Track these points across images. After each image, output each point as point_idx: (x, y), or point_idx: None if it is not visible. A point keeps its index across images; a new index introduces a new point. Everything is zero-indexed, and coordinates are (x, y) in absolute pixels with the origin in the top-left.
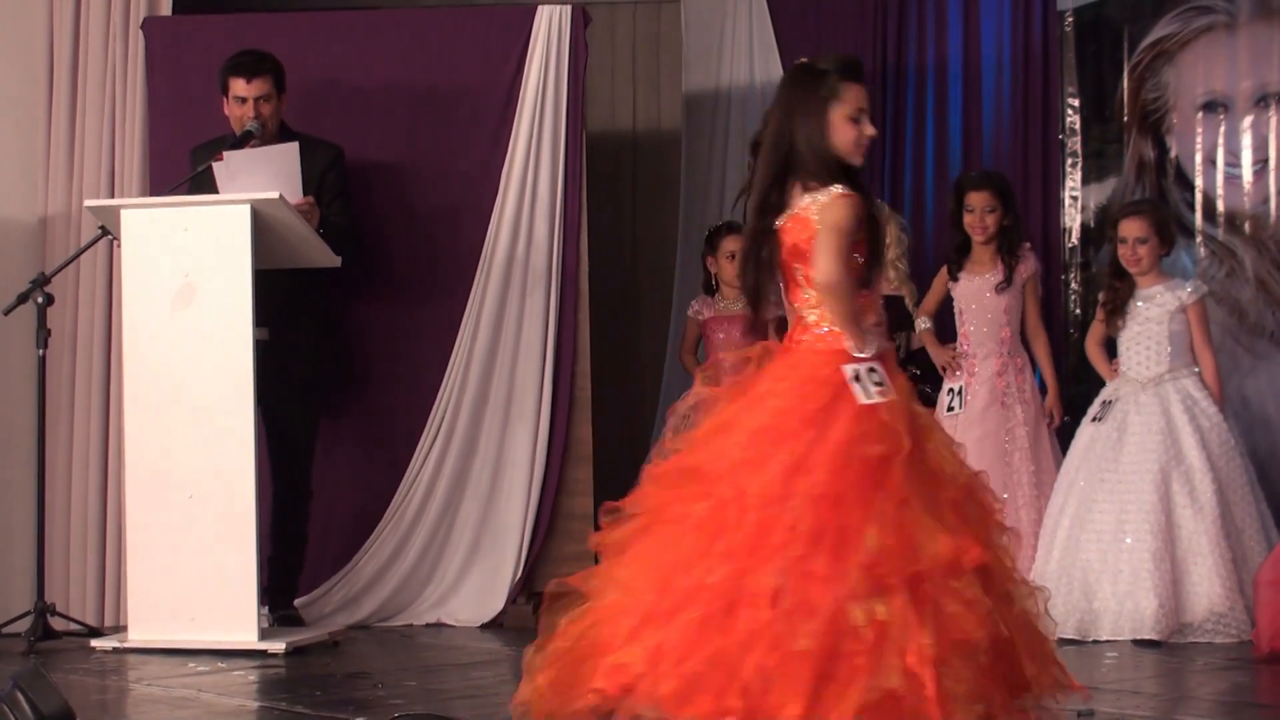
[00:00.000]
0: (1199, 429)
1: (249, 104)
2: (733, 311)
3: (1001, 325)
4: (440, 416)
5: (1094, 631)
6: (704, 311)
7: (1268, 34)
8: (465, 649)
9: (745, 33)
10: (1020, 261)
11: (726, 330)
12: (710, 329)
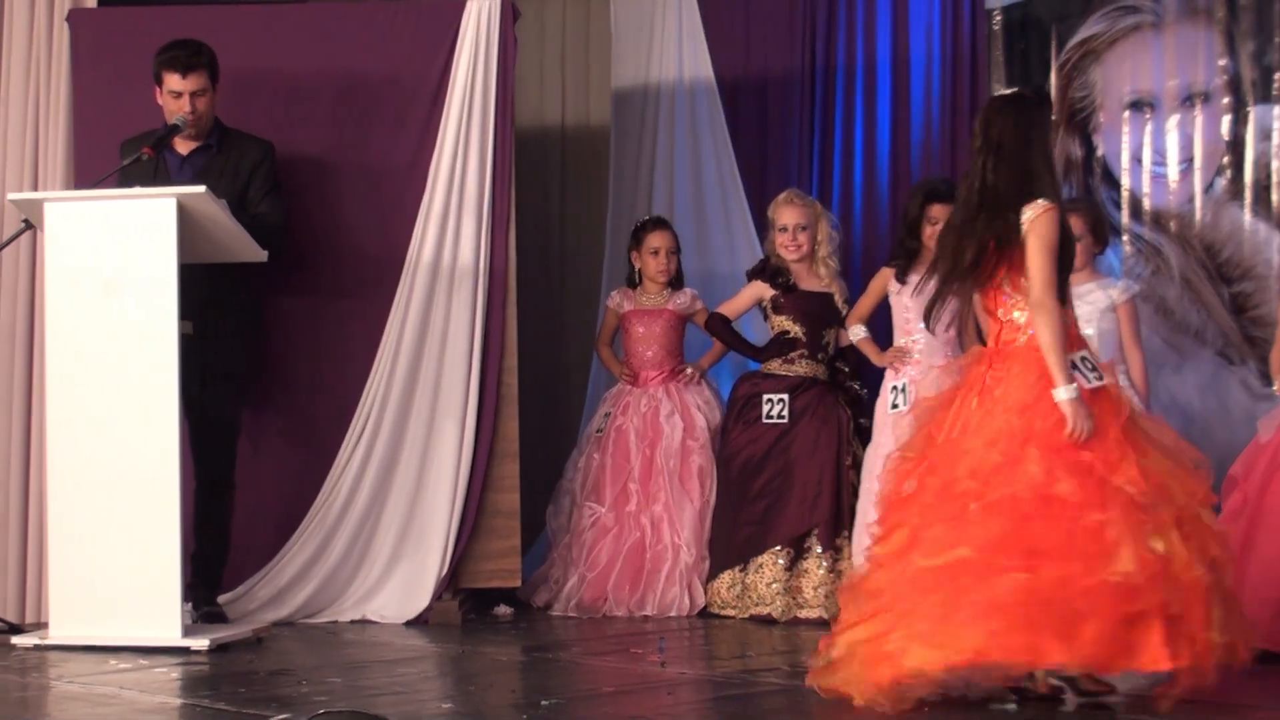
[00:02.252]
0: None
1: (184, 98)
2: (653, 305)
3: (949, 326)
4: (366, 412)
5: None
6: (624, 304)
7: (1193, 34)
8: (390, 646)
9: (674, 28)
10: None
11: (646, 324)
12: (629, 321)
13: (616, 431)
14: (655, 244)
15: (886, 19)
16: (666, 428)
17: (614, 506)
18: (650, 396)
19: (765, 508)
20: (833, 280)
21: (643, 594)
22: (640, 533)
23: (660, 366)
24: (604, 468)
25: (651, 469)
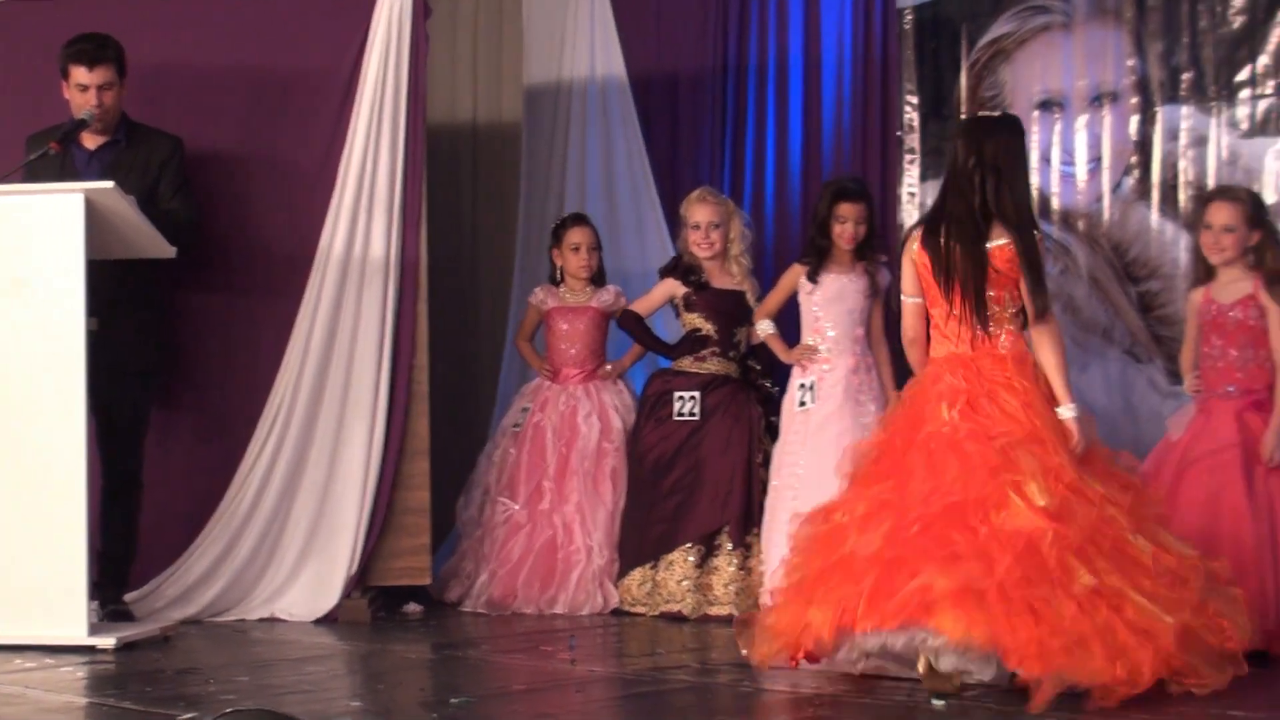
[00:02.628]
0: None
1: (91, 92)
2: (577, 303)
3: (857, 325)
4: (276, 410)
5: None
6: (548, 301)
7: (1102, 34)
8: (298, 644)
9: (586, 25)
10: (878, 271)
11: (570, 321)
12: (553, 319)
13: (534, 428)
14: (576, 240)
15: (798, 17)
16: (584, 428)
17: (528, 503)
18: (569, 395)
19: (676, 505)
20: (744, 278)
21: (554, 593)
22: (553, 531)
23: (582, 365)
24: (519, 464)
25: (566, 468)
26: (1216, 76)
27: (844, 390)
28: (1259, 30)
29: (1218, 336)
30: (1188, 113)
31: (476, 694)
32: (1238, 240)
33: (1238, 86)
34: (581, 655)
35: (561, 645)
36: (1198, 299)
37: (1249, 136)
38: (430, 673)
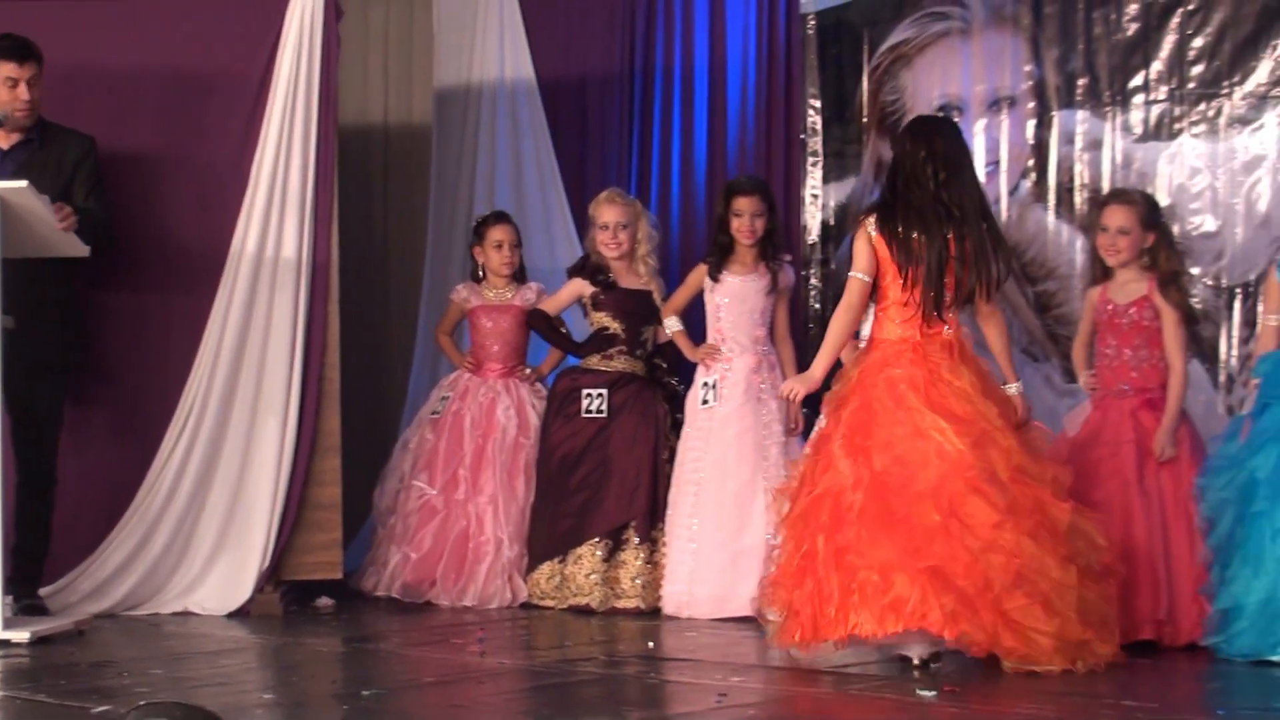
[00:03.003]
0: None
1: (20, 86)
2: (500, 301)
3: (758, 324)
4: (189, 407)
5: None
6: (471, 299)
7: (1000, 41)
8: (211, 637)
9: (495, 29)
10: (781, 270)
11: (494, 319)
12: (476, 316)
13: (453, 416)
14: (498, 238)
15: (704, 22)
16: (502, 420)
17: (443, 490)
18: (489, 387)
19: (584, 500)
20: (651, 278)
21: (464, 584)
22: (466, 521)
23: (504, 361)
24: (437, 450)
25: (482, 459)
26: (1111, 82)
27: (745, 389)
28: (1152, 37)
29: (1113, 336)
30: (1083, 117)
31: (387, 686)
32: (1133, 242)
33: (1132, 92)
34: (490, 648)
35: (471, 638)
36: (1094, 297)
37: (1143, 141)
38: (342, 665)
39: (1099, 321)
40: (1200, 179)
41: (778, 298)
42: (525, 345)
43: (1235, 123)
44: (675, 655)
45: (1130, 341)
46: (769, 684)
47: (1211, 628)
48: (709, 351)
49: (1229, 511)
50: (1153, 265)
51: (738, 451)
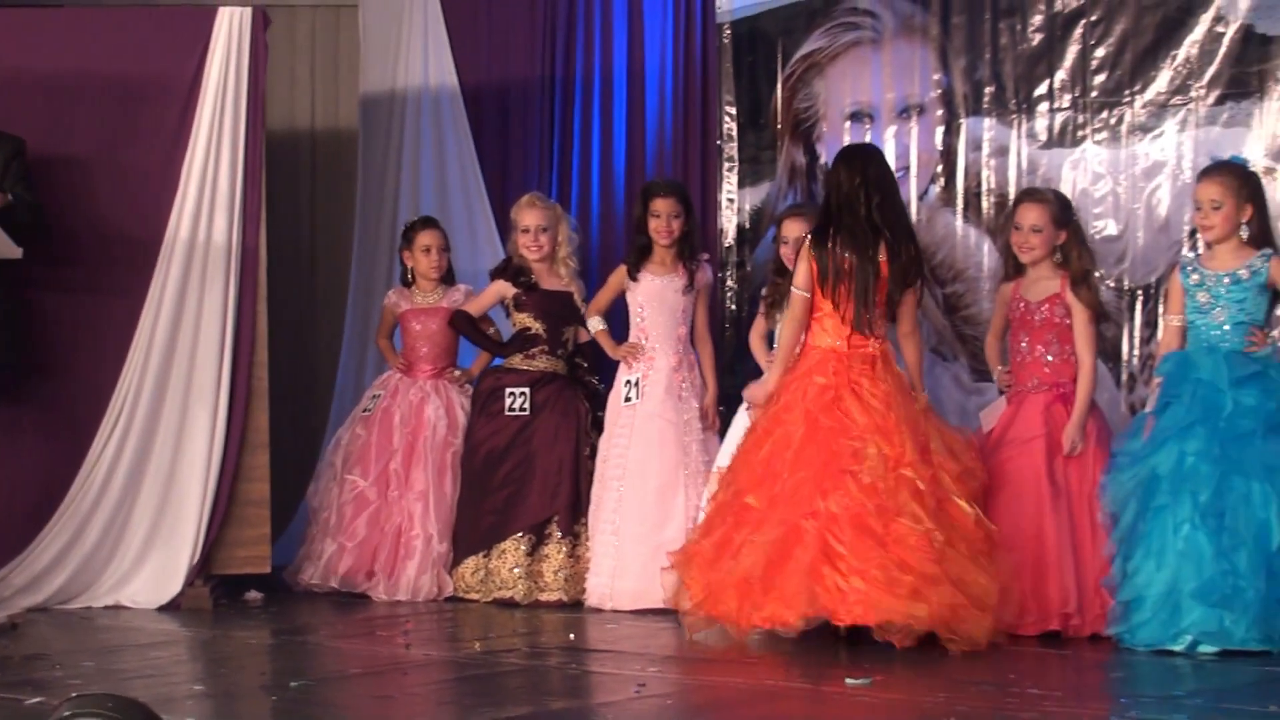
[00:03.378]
0: None
1: None
2: (428, 304)
3: (678, 323)
4: (120, 404)
5: None
6: (401, 304)
7: (910, 50)
8: (143, 630)
9: (420, 37)
10: (699, 270)
11: (423, 321)
12: (407, 320)
13: (383, 412)
14: (426, 242)
15: (622, 31)
16: (432, 418)
17: (375, 483)
18: (419, 387)
19: (508, 496)
20: (572, 280)
21: (395, 577)
22: (399, 517)
23: (434, 362)
24: (368, 444)
25: (413, 455)
26: (1017, 91)
27: (666, 387)
28: (1056, 47)
29: (1025, 333)
30: (990, 125)
31: (315, 678)
32: (1045, 240)
33: (1037, 100)
34: (416, 640)
35: (397, 630)
36: (1007, 294)
37: (1047, 147)
38: (270, 657)
39: (1012, 318)
40: (1103, 185)
41: (696, 297)
42: (455, 347)
43: (1136, 130)
44: (596, 647)
45: (1042, 338)
46: (687, 674)
47: (1115, 618)
48: (631, 350)
49: (1132, 506)
50: (1065, 263)
51: (660, 448)
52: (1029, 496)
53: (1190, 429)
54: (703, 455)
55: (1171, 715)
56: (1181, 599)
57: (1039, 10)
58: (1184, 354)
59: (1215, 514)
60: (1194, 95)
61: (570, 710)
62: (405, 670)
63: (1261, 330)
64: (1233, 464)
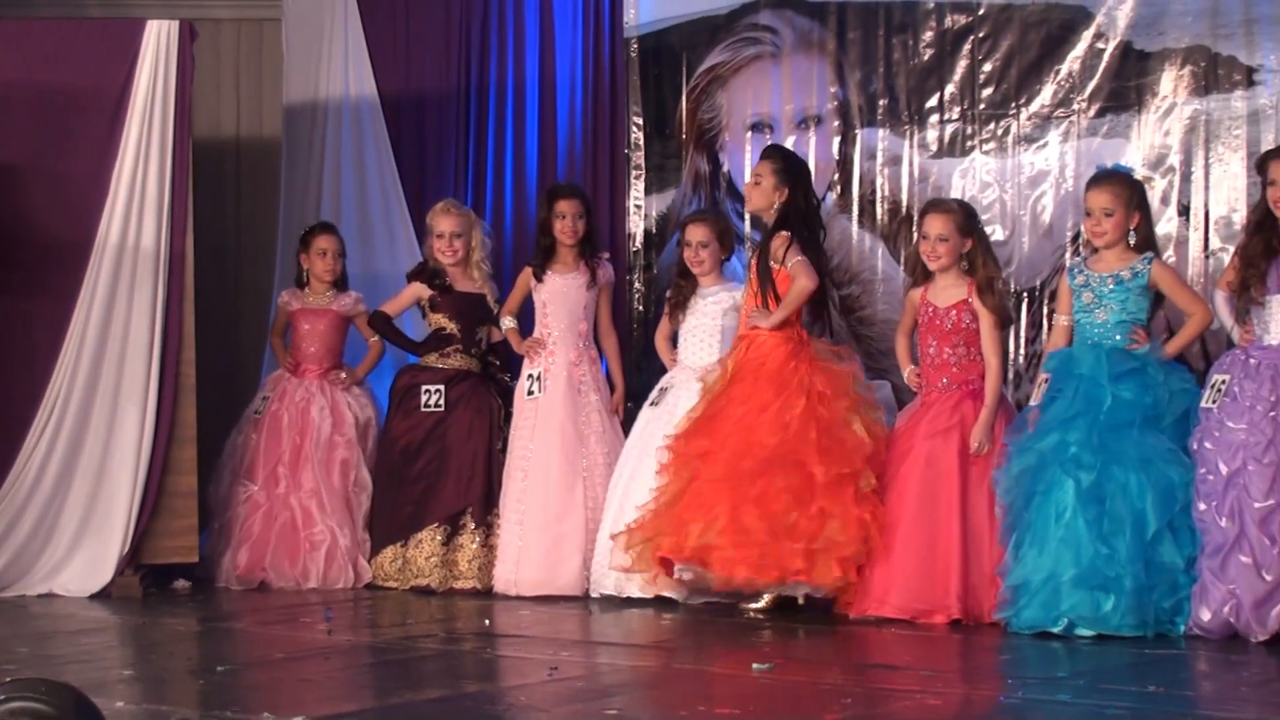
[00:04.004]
0: None
1: None
2: (318, 305)
3: (579, 320)
4: (53, 400)
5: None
6: (293, 303)
7: (808, 64)
8: (75, 617)
9: (341, 49)
10: (600, 267)
11: (311, 322)
12: (297, 319)
13: (271, 416)
14: (323, 246)
15: (534, 43)
16: (317, 419)
17: (265, 485)
18: (305, 388)
19: (424, 489)
20: (485, 282)
21: (304, 569)
22: (290, 513)
23: (320, 363)
24: (258, 448)
25: (300, 456)
26: (909, 103)
27: (566, 381)
28: (946, 62)
29: (933, 337)
30: (883, 135)
31: (240, 662)
32: (951, 248)
33: (928, 112)
34: (337, 626)
35: (319, 617)
36: (915, 299)
37: (938, 157)
38: (197, 643)
39: (920, 322)
40: (990, 192)
41: (599, 293)
42: (341, 347)
43: (1022, 141)
44: (509, 632)
45: (949, 341)
46: (597, 658)
47: (1003, 603)
48: (533, 344)
49: (1019, 495)
50: (971, 271)
51: (560, 441)
52: (930, 488)
53: (1072, 421)
54: (601, 448)
55: (1055, 695)
56: (1061, 584)
57: (929, 27)
58: (1068, 351)
59: (1095, 502)
60: (1076, 108)
61: (485, 693)
62: (327, 655)
63: (1143, 329)
64: (1111, 455)
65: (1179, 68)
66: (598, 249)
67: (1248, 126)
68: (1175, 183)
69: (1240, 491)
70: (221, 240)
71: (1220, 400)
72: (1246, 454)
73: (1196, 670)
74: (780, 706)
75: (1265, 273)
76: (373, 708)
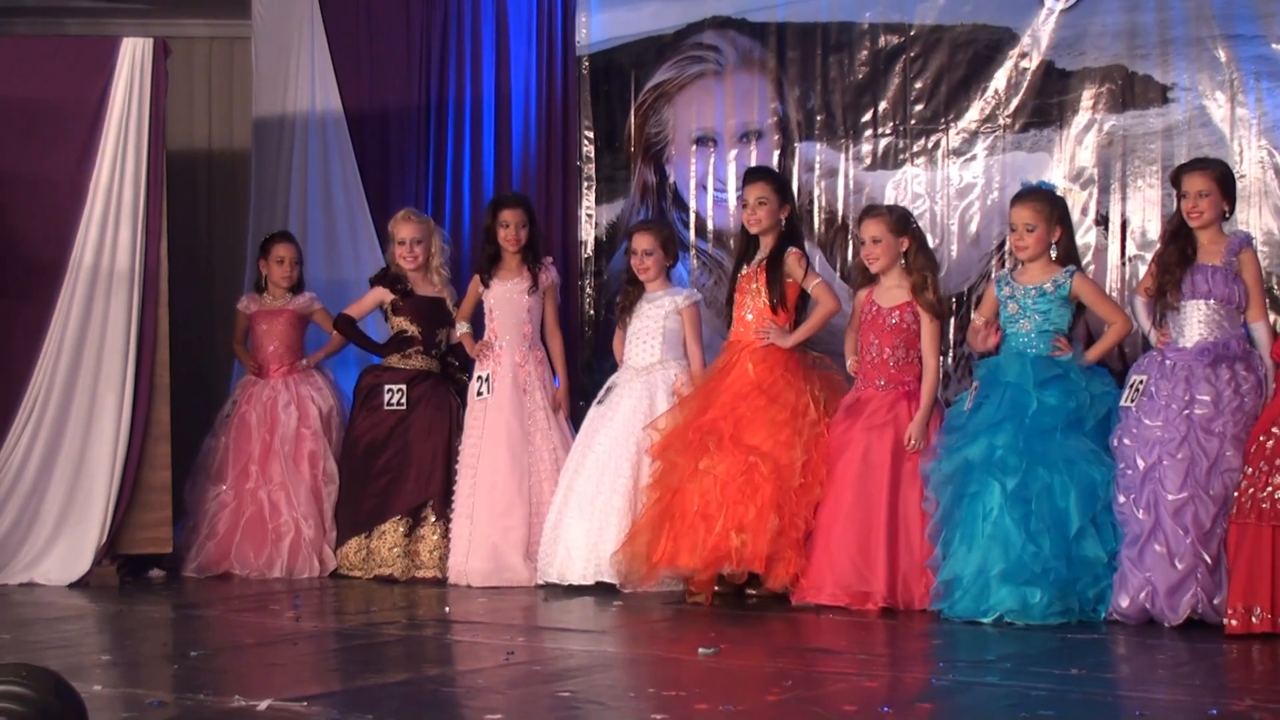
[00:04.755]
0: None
1: None
2: (275, 307)
3: (524, 323)
4: (34, 399)
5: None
6: (251, 306)
7: (749, 81)
8: (55, 605)
9: (308, 66)
10: (543, 271)
11: (269, 322)
12: (255, 321)
13: (240, 418)
14: (280, 254)
15: (491, 61)
16: (284, 416)
17: (234, 484)
18: (271, 388)
19: (387, 483)
20: (444, 287)
21: (269, 558)
22: (258, 506)
23: (282, 360)
24: (227, 450)
25: (269, 453)
26: (845, 118)
27: (512, 382)
28: (879, 80)
29: (875, 335)
30: (820, 149)
31: (212, 647)
32: (886, 249)
33: (862, 127)
34: (305, 613)
35: (288, 605)
36: (861, 299)
37: (872, 169)
38: (171, 630)
39: (864, 320)
40: (921, 203)
41: (543, 296)
42: (300, 344)
43: (951, 154)
44: (468, 619)
45: (890, 341)
46: (551, 644)
47: (936, 595)
48: (483, 348)
49: (948, 493)
50: (909, 270)
51: (506, 439)
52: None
53: (999, 425)
54: (546, 445)
55: (983, 678)
56: (990, 579)
57: (864, 47)
58: (996, 360)
59: (1021, 501)
60: (1001, 123)
61: (445, 676)
62: (295, 641)
63: (1065, 337)
64: (1037, 457)
65: (1098, 86)
66: (540, 255)
67: (1162, 141)
68: (1094, 194)
69: (1156, 485)
70: (194, 246)
71: (1138, 399)
72: (1162, 449)
73: (1116, 654)
74: (725, 689)
75: (1180, 280)
76: (338, 691)
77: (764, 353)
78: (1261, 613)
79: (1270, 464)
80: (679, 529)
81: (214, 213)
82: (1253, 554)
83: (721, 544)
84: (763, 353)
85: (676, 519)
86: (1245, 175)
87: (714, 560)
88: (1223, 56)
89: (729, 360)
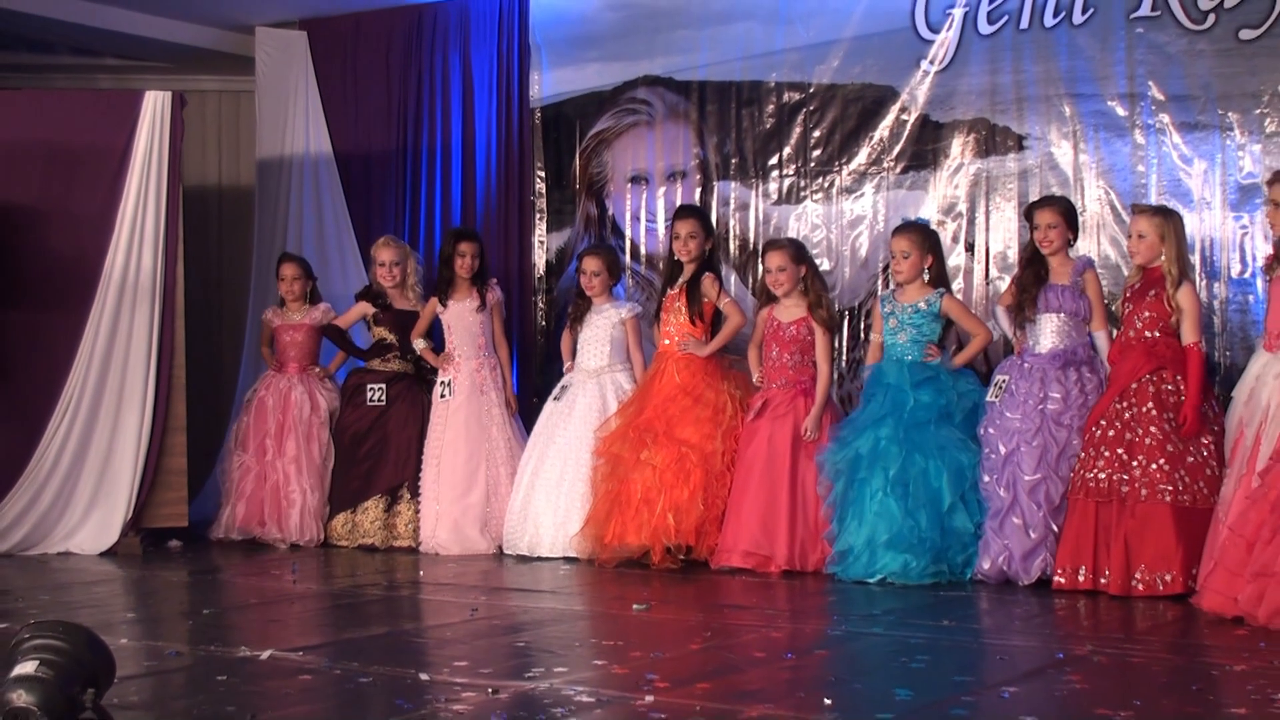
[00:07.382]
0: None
1: None
2: (295, 320)
3: (478, 335)
4: (70, 397)
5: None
6: (274, 319)
7: (675, 130)
8: (88, 571)
9: (303, 114)
10: (489, 291)
11: (291, 334)
12: (279, 333)
13: (259, 401)
14: (283, 273)
15: (458, 112)
16: (297, 400)
17: (256, 455)
18: (287, 379)
19: (369, 467)
20: (418, 302)
21: (281, 525)
22: (277, 476)
23: (300, 363)
24: (249, 426)
25: (284, 430)
26: (755, 161)
27: (469, 385)
28: (784, 129)
29: (777, 345)
30: (735, 187)
31: (222, 606)
32: (789, 276)
33: (770, 169)
34: (301, 577)
35: (287, 570)
36: (764, 316)
37: (778, 204)
38: (187, 591)
39: (766, 334)
40: (819, 232)
41: (491, 313)
42: (316, 351)
43: (844, 192)
44: (437, 581)
45: (789, 349)
46: (510, 602)
47: (831, 562)
48: (446, 358)
49: (842, 478)
50: (805, 291)
51: (465, 432)
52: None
53: (882, 420)
54: (502, 435)
55: (871, 629)
56: (877, 547)
57: (771, 101)
58: (880, 366)
59: (902, 484)
60: (886, 166)
61: (419, 629)
62: (292, 601)
63: (935, 345)
64: (914, 446)
65: (965, 135)
66: (487, 278)
67: (1019, 182)
68: (963, 225)
69: (1015, 467)
70: (206, 268)
71: (1001, 395)
72: (1020, 438)
73: (980, 608)
74: (656, 639)
75: (1036, 297)
76: (329, 642)
77: (686, 360)
78: (1086, 572)
79: (1096, 450)
80: (626, 513)
81: (223, 239)
82: (1079, 523)
83: (661, 523)
84: (685, 360)
85: (624, 505)
86: (1086, 210)
87: (656, 537)
88: (1068, 111)
89: (658, 369)
